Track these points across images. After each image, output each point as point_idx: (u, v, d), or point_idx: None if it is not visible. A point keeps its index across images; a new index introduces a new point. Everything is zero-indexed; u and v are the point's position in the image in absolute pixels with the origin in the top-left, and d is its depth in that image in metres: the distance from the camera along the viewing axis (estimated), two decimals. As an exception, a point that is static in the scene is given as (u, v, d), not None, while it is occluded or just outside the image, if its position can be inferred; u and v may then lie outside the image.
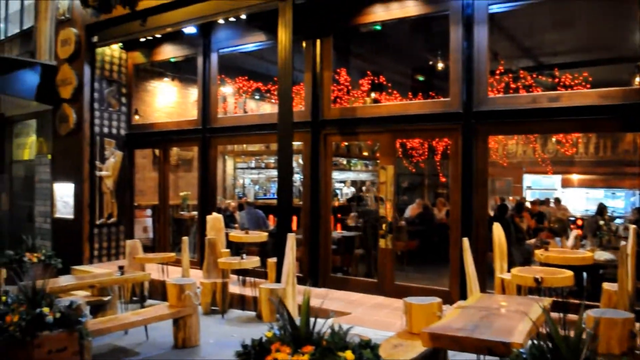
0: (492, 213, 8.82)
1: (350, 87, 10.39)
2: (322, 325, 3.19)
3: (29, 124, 11.79)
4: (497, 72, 8.93)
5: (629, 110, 6.05)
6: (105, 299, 6.38)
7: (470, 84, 6.87)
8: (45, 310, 4.35)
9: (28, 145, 11.82)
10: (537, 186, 14.75)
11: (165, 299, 7.87)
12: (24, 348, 4.27)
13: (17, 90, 10.24)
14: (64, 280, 6.18)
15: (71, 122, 10.00)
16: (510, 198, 13.04)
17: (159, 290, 8.08)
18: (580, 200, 13.87)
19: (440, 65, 9.25)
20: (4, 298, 4.69)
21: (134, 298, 8.09)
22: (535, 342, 2.63)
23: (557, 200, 12.13)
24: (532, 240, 7.83)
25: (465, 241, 5.65)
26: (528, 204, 10.93)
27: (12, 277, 6.34)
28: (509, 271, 6.03)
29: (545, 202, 11.89)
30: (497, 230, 6.31)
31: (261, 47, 9.21)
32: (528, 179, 14.81)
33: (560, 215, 9.03)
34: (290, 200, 7.57)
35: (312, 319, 3.20)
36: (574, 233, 7.72)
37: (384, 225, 7.51)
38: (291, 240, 6.99)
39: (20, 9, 12.68)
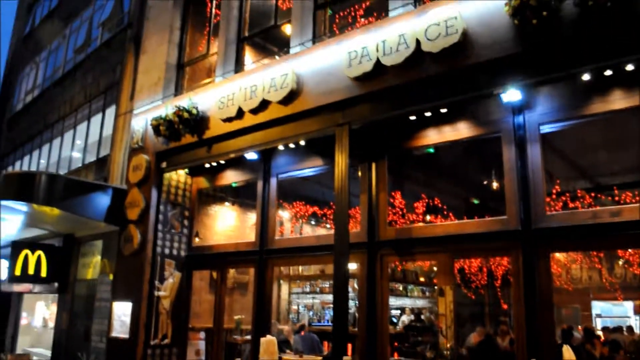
0: (558, 340, 8.27)
1: (405, 210, 10.48)
2: None
3: (95, 245, 12.33)
4: (554, 192, 8.86)
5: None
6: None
7: (527, 201, 6.81)
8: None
9: (92, 265, 12.26)
10: (607, 314, 13.83)
11: None
12: None
13: (89, 212, 10.86)
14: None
15: (135, 242, 10.41)
16: (579, 327, 12.23)
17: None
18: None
19: (495, 185, 9.29)
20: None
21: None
22: None
23: (630, 329, 11.28)
24: None
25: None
26: (599, 332, 10.21)
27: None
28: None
29: (618, 329, 11.07)
30: (568, 353, 5.90)
31: (318, 172, 9.57)
32: (597, 307, 13.94)
33: (637, 338, 8.33)
34: (346, 320, 7.40)
35: None
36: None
37: (445, 352, 7.15)
38: (346, 363, 6.74)
39: (98, 139, 13.86)
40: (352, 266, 9.05)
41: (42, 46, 20.28)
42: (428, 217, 10.49)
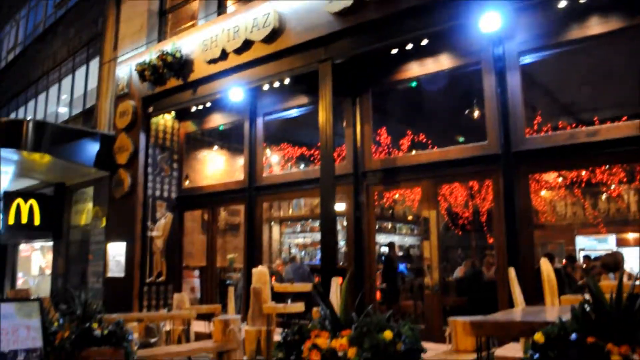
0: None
1: (390, 147, 10.64)
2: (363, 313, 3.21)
3: (87, 192, 12.46)
4: (535, 123, 9.02)
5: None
6: (152, 340, 6.47)
7: (507, 127, 6.99)
8: (94, 325, 4.50)
9: (85, 212, 12.41)
10: (591, 248, 14.22)
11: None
12: (73, 362, 4.39)
13: (79, 158, 10.93)
14: (113, 315, 6.31)
15: (126, 185, 10.55)
16: (564, 261, 12.62)
17: (204, 338, 8.08)
18: (637, 260, 13.22)
19: (476, 114, 9.44)
20: (56, 323, 4.88)
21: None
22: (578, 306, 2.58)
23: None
24: (584, 280, 7.54)
25: (511, 270, 5.54)
26: (581, 261, 10.58)
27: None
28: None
29: (599, 258, 11.43)
30: (545, 265, 6.13)
31: (304, 111, 9.68)
32: (581, 242, 14.32)
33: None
34: (335, 248, 7.65)
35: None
36: (626, 271, 7.41)
37: (429, 264, 7.45)
38: (335, 284, 6.99)
39: (84, 92, 13.84)
40: (341, 206, 9.28)
41: (21, 3, 19.91)
42: (413, 152, 10.64)
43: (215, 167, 12.60)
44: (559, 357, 2.34)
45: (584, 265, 10.03)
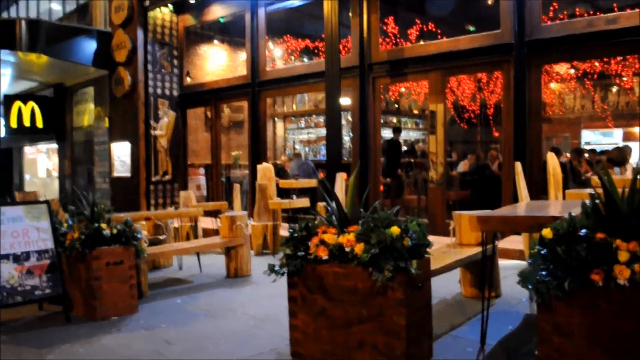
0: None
1: (398, 37, 10.22)
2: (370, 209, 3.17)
3: (87, 92, 12.21)
4: (551, 9, 8.55)
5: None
6: (161, 237, 6.57)
7: (522, 13, 6.62)
8: (103, 225, 4.52)
9: (87, 112, 12.25)
10: (596, 142, 14.10)
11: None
12: (83, 260, 4.46)
13: (76, 57, 10.58)
14: (122, 214, 6.39)
15: (126, 83, 10.31)
16: (567, 155, 12.56)
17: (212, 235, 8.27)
18: (643, 155, 13.15)
19: (490, 0, 8.94)
20: (65, 224, 4.92)
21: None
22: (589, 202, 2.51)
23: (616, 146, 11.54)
24: (590, 174, 7.52)
25: (518, 164, 5.48)
26: (586, 155, 10.49)
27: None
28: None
29: (605, 152, 11.36)
30: (552, 159, 6.06)
31: (308, 0, 9.20)
32: (587, 136, 14.18)
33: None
34: (340, 142, 7.57)
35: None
36: (631, 165, 7.35)
37: (434, 159, 7.40)
38: (340, 179, 7.00)
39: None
40: (346, 100, 9.07)
41: None
42: (422, 42, 10.24)
43: (216, 63, 12.25)
44: (567, 253, 2.30)
45: (589, 159, 9.95)
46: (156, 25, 10.60)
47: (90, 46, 10.69)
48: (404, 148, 11.63)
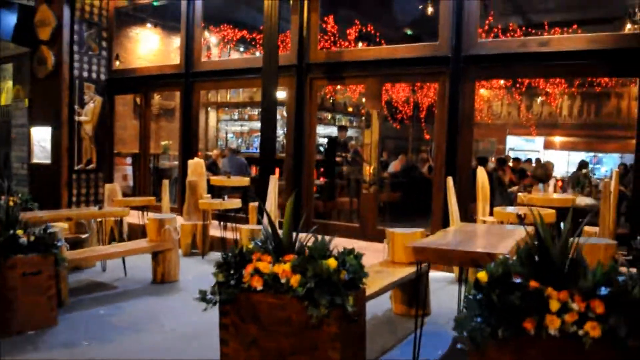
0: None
1: (337, 36, 10.19)
2: (305, 239, 3.13)
3: (5, 69, 11.41)
4: (487, 22, 8.80)
5: (618, 55, 6.00)
6: (83, 236, 6.26)
7: (460, 28, 6.75)
8: (19, 232, 4.21)
9: (5, 90, 11.45)
10: (519, 148, 14.77)
11: (144, 241, 7.82)
12: (-3, 269, 4.16)
13: (-7, 30, 9.85)
14: (40, 213, 6.02)
15: (49, 64, 9.67)
16: (492, 159, 13.06)
17: (138, 234, 7.96)
18: (562, 163, 13.92)
19: (430, 10, 9.07)
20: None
21: (113, 241, 7.98)
22: (523, 247, 2.58)
23: (539, 161, 12.14)
24: (515, 188, 7.84)
25: (450, 180, 5.62)
26: (510, 163, 10.95)
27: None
28: (491, 214, 6.03)
29: (527, 162, 11.92)
30: (481, 173, 6.28)
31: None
32: (511, 141, 14.82)
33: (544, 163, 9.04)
34: (274, 141, 7.47)
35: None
36: (554, 181, 7.74)
37: (367, 169, 7.45)
38: (273, 181, 6.91)
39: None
40: (281, 94, 8.96)
41: None
42: (360, 45, 10.28)
43: (148, 47, 11.75)
44: (501, 300, 2.35)
45: (513, 167, 10.38)
46: (84, 3, 9.97)
47: (10, 20, 9.93)
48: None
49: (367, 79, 7.62)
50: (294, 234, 3.15)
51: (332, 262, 2.83)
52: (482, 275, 2.48)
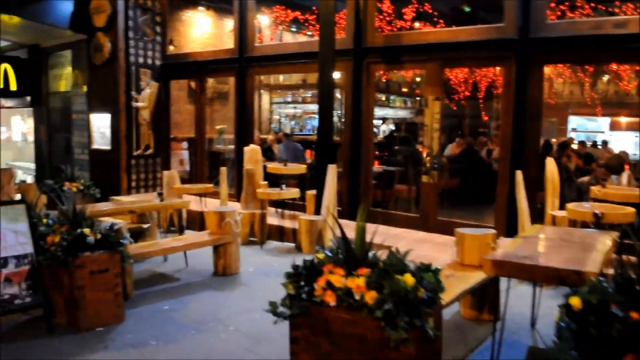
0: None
1: (393, 16, 9.86)
2: (377, 250, 3.01)
3: (64, 55, 11.61)
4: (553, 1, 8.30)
5: None
6: (145, 226, 6.34)
7: (527, 8, 6.37)
8: (86, 231, 4.26)
9: (64, 77, 11.69)
10: (582, 129, 14.09)
11: (202, 229, 7.86)
12: (66, 268, 4.22)
13: (51, 19, 9.99)
14: (103, 205, 6.13)
15: (106, 51, 9.79)
16: (554, 140, 12.50)
17: (196, 221, 8.05)
18: (628, 145, 13.20)
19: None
20: (45, 220, 4.64)
21: (172, 228, 8.09)
22: (619, 270, 2.37)
23: (605, 143, 11.56)
24: (586, 178, 7.44)
25: (519, 174, 5.36)
26: (574, 146, 10.44)
27: (52, 203, 6.32)
28: (561, 208, 5.74)
29: (593, 144, 11.34)
30: (550, 165, 5.96)
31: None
32: (573, 121, 14.14)
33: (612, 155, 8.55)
34: (331, 130, 7.34)
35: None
36: (627, 172, 7.30)
37: (427, 159, 7.22)
38: (332, 171, 6.81)
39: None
40: (337, 75, 8.76)
41: None
42: (417, 25, 9.91)
43: (201, 31, 11.73)
44: (598, 331, 2.17)
45: (578, 150, 9.89)
46: (138, -11, 10.04)
47: (66, 8, 10.09)
48: (392, 127, 11.45)
49: (427, 64, 7.34)
50: (367, 244, 3.02)
51: (409, 279, 2.69)
52: (576, 302, 2.30)
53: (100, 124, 10.05)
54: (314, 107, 12.58)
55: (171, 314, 4.59)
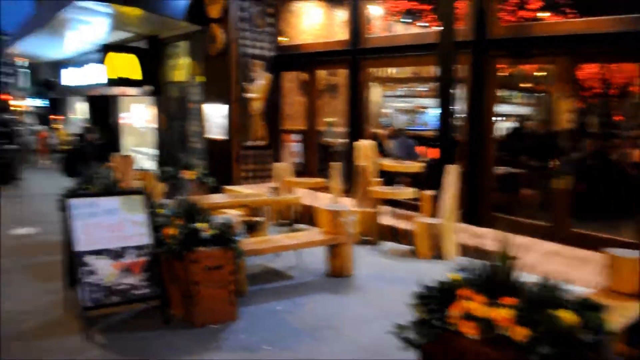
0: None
1: (517, 5, 9.13)
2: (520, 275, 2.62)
3: (180, 46, 12.00)
4: None
5: None
6: (257, 219, 6.29)
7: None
8: (201, 225, 4.21)
9: (180, 67, 12.09)
10: None
11: (312, 224, 7.75)
12: (181, 262, 4.20)
13: (169, 10, 10.33)
14: (218, 198, 6.15)
15: (219, 42, 9.94)
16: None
17: (306, 215, 7.94)
18: None
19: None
20: (162, 210, 4.68)
21: (282, 221, 8.05)
22: None
23: None
24: None
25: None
26: None
27: (171, 191, 6.45)
28: None
29: None
30: None
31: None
32: None
33: None
34: (452, 127, 6.89)
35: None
36: None
37: (557, 162, 6.58)
38: (454, 172, 6.40)
39: None
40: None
41: None
42: (542, 15, 9.10)
43: (312, 21, 11.59)
44: None
45: None
46: (255, -20, 10.08)
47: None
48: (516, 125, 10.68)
49: (557, 59, 6.63)
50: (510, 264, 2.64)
51: (569, 317, 2.29)
52: None
53: (214, 114, 10.26)
54: (426, 101, 12.06)
55: (284, 316, 4.46)
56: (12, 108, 28.82)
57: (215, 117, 10.25)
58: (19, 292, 4.99)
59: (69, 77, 17.91)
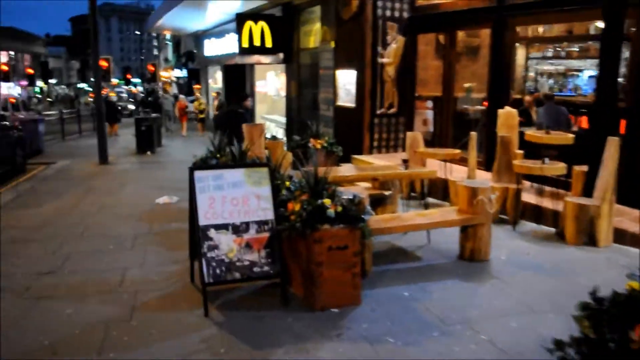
0: None
1: None
2: None
3: (314, 11, 11.74)
4: None
5: None
6: (387, 193, 5.88)
7: None
8: (327, 202, 3.89)
9: (313, 33, 11.86)
10: None
11: (444, 199, 7.19)
12: (304, 240, 3.94)
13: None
14: (346, 170, 5.83)
15: (354, 4, 9.52)
16: None
17: (439, 189, 7.40)
18: None
19: None
20: (287, 183, 4.44)
21: (412, 194, 7.58)
22: None
23: None
24: None
25: None
26: None
27: (297, 162, 6.25)
28: None
29: None
30: None
31: None
32: None
33: None
34: (616, 93, 5.89)
35: None
36: None
37: None
38: (613, 145, 5.48)
39: None
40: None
41: None
42: None
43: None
44: None
45: None
46: (388, -62, 9.44)
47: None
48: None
49: None
50: None
51: None
52: None
53: (346, 81, 9.92)
54: (579, 63, 10.69)
55: (411, 304, 4.04)
56: (161, 79, 30.93)
57: (347, 83, 9.92)
58: (149, 260, 5.10)
59: (210, 48, 18.60)
